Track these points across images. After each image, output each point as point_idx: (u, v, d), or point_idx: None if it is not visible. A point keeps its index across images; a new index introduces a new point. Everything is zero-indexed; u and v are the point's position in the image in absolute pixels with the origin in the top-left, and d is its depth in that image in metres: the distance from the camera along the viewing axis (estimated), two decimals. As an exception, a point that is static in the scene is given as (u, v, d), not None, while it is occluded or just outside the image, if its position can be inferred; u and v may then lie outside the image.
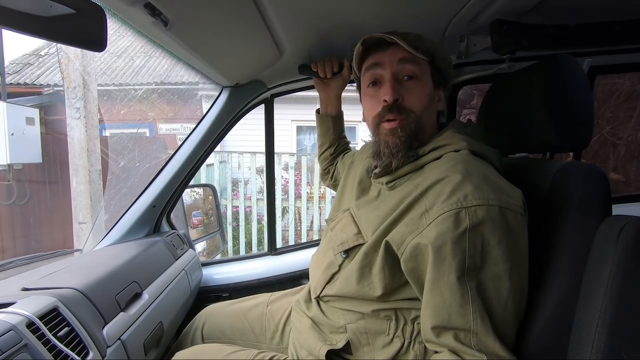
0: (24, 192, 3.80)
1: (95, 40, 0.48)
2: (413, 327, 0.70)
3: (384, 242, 0.67)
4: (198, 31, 0.78)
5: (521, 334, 0.62)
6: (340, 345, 0.74)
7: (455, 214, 0.59)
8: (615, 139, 2.63)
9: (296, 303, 0.90)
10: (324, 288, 0.78)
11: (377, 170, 0.76)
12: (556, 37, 1.02)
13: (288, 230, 4.72)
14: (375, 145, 0.77)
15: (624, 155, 2.64)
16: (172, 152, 1.23)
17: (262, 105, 1.33)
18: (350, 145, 1.23)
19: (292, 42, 1.00)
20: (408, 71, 0.73)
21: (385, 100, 0.73)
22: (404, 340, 0.70)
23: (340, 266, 0.76)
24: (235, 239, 4.60)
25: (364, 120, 0.84)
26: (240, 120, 1.28)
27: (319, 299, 0.81)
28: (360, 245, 0.73)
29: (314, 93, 1.16)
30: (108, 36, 0.51)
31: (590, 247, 0.58)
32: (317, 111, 1.17)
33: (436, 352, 0.63)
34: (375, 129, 0.76)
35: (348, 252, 0.75)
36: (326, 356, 0.73)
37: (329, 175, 1.20)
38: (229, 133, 1.27)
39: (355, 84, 0.92)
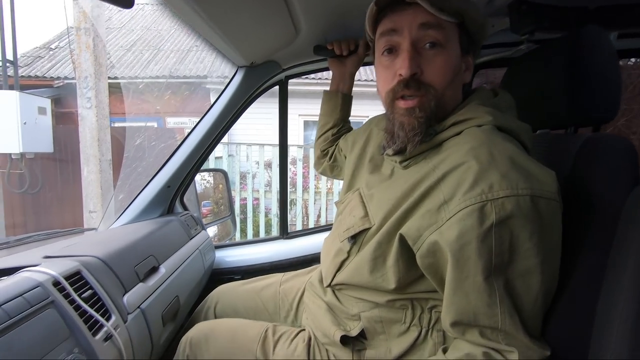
0: (36, 181, 3.85)
1: (124, -4, 0.48)
2: (430, 315, 0.68)
3: (398, 234, 0.62)
4: (219, 3, 0.78)
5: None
6: (354, 333, 0.72)
7: (480, 209, 0.53)
8: (629, 132, 2.59)
9: (309, 285, 0.89)
10: (334, 276, 0.76)
11: (389, 151, 0.70)
12: (578, 18, 1.01)
13: (295, 224, 4.74)
14: (389, 124, 0.69)
15: (637, 148, 2.59)
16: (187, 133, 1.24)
17: (267, 100, 1.32)
18: None
19: (308, 21, 1.00)
20: (431, 38, 0.63)
21: (400, 75, 0.63)
22: (422, 329, 0.68)
23: (349, 252, 0.73)
24: (243, 231, 4.63)
25: (378, 93, 0.74)
26: (249, 115, 1.27)
27: (331, 287, 0.79)
28: (367, 230, 0.69)
29: (321, 88, 1.14)
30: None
31: (617, 220, 0.57)
32: (324, 91, 1.14)
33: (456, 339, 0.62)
34: (390, 106, 0.67)
35: (355, 238, 0.71)
36: (341, 340, 0.72)
37: (327, 157, 1.13)
38: (238, 127, 1.26)
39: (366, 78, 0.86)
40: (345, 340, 0.72)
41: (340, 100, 1.11)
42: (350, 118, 1.16)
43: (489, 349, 0.57)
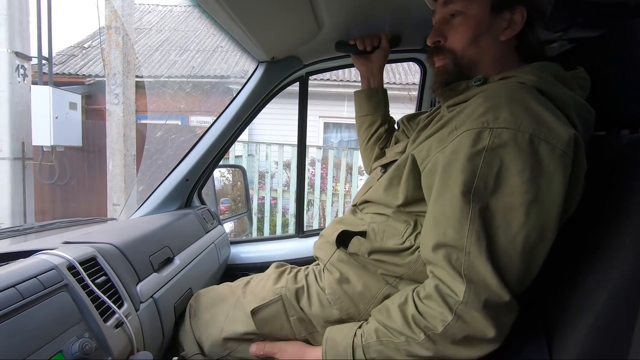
0: (65, 173, 4.01)
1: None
2: None
3: (411, 155, 0.68)
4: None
5: (582, 310, 0.56)
6: (357, 230, 0.76)
7: (477, 133, 0.56)
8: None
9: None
10: (362, 196, 0.82)
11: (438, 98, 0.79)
12: (615, 14, 0.95)
13: (312, 225, 4.73)
14: None
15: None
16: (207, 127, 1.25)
17: (288, 100, 1.31)
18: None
19: (331, 15, 0.99)
20: (451, 11, 0.71)
21: None
22: (413, 245, 0.69)
23: (378, 180, 0.80)
24: (260, 230, 4.66)
25: None
26: (270, 115, 1.27)
27: (356, 207, 0.84)
28: (396, 160, 0.76)
29: (342, 90, 1.12)
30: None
31: None
32: (357, 92, 1.12)
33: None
34: (432, 65, 0.78)
35: (385, 167, 0.80)
36: (339, 239, 0.76)
37: None
38: (258, 127, 1.26)
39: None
40: (340, 240, 0.77)
41: (382, 96, 1.09)
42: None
43: (440, 282, 0.57)
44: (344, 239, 0.76)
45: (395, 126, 1.09)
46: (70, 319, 0.55)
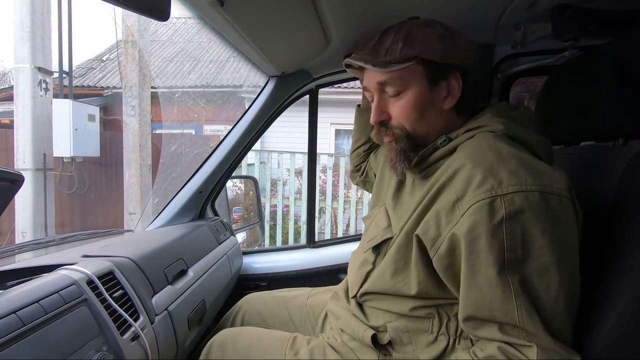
0: (83, 183, 4.13)
1: (159, 10, 0.50)
2: (458, 322, 0.66)
3: (414, 236, 0.64)
4: (251, 14, 0.80)
5: (587, 332, 0.56)
6: (383, 342, 0.72)
7: (489, 203, 0.54)
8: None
9: (333, 294, 0.89)
10: (360, 287, 0.76)
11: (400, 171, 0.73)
12: (627, 22, 0.94)
13: (324, 232, 4.72)
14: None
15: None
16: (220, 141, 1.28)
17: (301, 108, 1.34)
18: None
19: (339, 30, 1.00)
20: (389, 92, 0.69)
21: None
22: (449, 338, 0.67)
23: (373, 263, 0.74)
24: (272, 237, 4.68)
25: None
26: (282, 123, 1.29)
27: (356, 298, 0.79)
28: (389, 239, 0.71)
29: (354, 97, 1.14)
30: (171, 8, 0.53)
31: None
32: (358, 106, 1.14)
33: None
34: (380, 140, 0.75)
35: (378, 248, 0.73)
36: (372, 342, 0.71)
37: (360, 172, 1.16)
38: (270, 135, 1.29)
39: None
40: (374, 341, 0.72)
41: None
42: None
43: (504, 344, 0.56)
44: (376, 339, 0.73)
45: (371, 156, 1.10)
46: (89, 332, 0.57)
